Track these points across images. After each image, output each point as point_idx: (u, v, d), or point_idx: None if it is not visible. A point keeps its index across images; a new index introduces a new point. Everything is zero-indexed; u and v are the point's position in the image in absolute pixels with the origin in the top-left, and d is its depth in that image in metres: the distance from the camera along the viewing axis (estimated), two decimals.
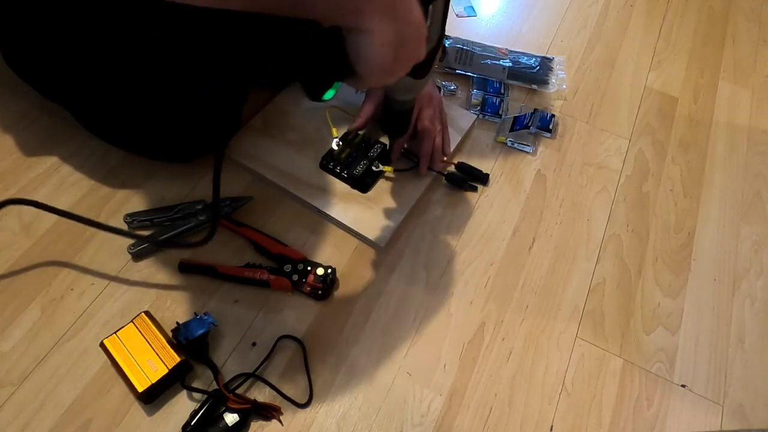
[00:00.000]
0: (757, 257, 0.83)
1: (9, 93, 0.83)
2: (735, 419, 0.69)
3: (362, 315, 0.71)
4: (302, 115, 0.86)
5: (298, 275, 0.70)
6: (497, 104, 0.94)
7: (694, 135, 0.97)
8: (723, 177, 0.92)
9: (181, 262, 0.71)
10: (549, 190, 0.86)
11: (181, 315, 0.65)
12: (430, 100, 0.80)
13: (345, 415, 0.64)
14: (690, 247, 0.83)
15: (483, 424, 0.65)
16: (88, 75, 0.73)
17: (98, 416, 0.61)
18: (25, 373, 0.63)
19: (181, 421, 0.61)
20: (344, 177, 0.79)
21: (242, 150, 0.81)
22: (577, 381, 0.70)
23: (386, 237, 0.76)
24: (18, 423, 0.60)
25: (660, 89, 1.03)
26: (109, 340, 0.62)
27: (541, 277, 0.77)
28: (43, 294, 0.68)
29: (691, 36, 1.13)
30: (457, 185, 0.83)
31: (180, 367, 0.61)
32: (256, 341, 0.67)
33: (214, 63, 0.58)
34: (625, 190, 0.88)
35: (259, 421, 0.62)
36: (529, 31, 1.09)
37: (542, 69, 1.01)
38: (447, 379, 0.68)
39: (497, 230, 0.81)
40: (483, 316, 0.73)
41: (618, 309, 0.76)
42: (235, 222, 0.75)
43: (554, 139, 0.92)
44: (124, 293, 0.69)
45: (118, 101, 0.74)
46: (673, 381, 0.71)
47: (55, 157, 0.79)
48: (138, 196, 0.76)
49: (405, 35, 0.45)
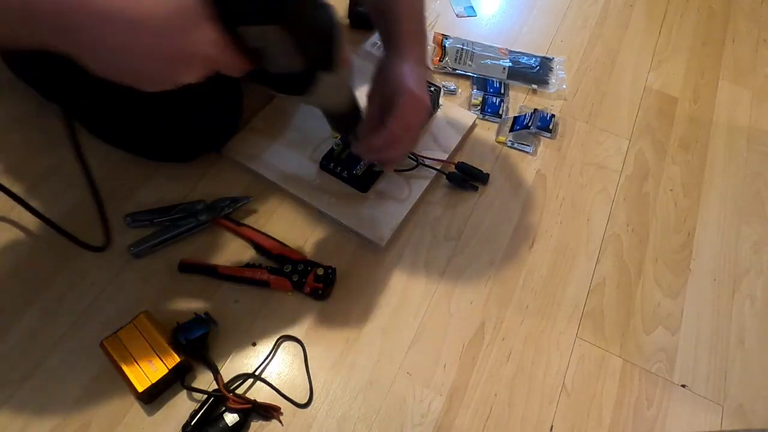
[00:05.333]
0: (757, 257, 0.83)
1: (9, 93, 0.83)
2: (735, 419, 0.69)
3: (362, 315, 0.71)
4: (302, 115, 0.86)
5: (298, 275, 0.70)
6: (497, 104, 0.94)
7: (694, 135, 0.97)
8: (723, 177, 0.92)
9: (181, 262, 0.71)
10: (549, 190, 0.86)
11: (181, 315, 0.65)
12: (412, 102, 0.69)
13: (345, 415, 0.64)
14: (690, 247, 0.83)
15: (483, 424, 0.65)
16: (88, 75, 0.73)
17: (98, 416, 0.61)
18: (25, 373, 0.63)
19: (181, 421, 0.61)
20: (344, 177, 0.79)
21: (242, 150, 0.81)
22: (577, 381, 0.70)
23: (386, 237, 0.76)
24: (18, 423, 0.60)
25: (660, 89, 1.03)
26: (109, 340, 0.62)
27: (541, 277, 0.77)
28: (43, 294, 0.68)
29: (691, 36, 1.13)
30: (457, 185, 0.83)
31: (180, 367, 0.61)
32: (256, 341, 0.67)
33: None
34: (625, 190, 0.88)
35: (259, 421, 0.62)
36: (529, 31, 1.09)
37: (542, 69, 1.01)
38: (447, 379, 0.68)
39: (497, 230, 0.81)
40: (483, 316, 0.73)
41: (618, 309, 0.76)
42: (235, 222, 0.75)
43: (554, 139, 0.92)
44: (124, 293, 0.69)
45: (117, 102, 0.74)
46: (673, 381, 0.71)
47: (55, 158, 0.78)
48: (138, 196, 0.76)
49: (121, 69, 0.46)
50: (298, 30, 0.50)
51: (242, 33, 0.48)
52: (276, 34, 0.49)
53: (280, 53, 0.51)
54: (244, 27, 0.48)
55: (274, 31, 0.48)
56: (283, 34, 0.49)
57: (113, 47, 0.44)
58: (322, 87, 0.57)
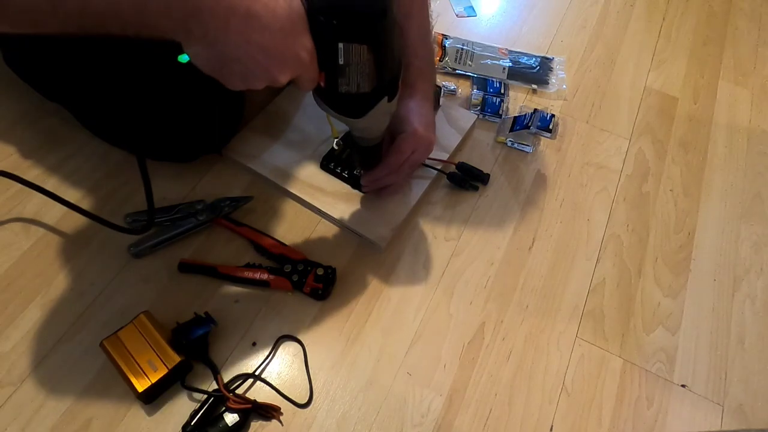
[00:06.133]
0: (757, 257, 0.83)
1: (9, 93, 0.83)
2: (735, 419, 0.69)
3: (362, 315, 0.71)
4: (302, 115, 0.86)
5: (298, 275, 0.70)
6: (497, 104, 0.94)
7: (694, 135, 0.97)
8: (723, 177, 0.92)
9: (181, 262, 0.71)
10: (549, 190, 0.86)
11: (181, 315, 0.65)
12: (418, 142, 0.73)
13: (345, 415, 0.64)
14: (690, 247, 0.83)
15: (483, 424, 0.65)
16: (88, 75, 0.73)
17: (98, 416, 0.61)
18: (25, 373, 0.63)
19: (181, 421, 0.61)
20: (344, 177, 0.79)
21: (242, 150, 0.81)
22: (577, 381, 0.70)
23: (386, 237, 0.76)
24: (18, 423, 0.60)
25: (660, 89, 1.03)
26: (109, 340, 0.62)
27: (541, 277, 0.77)
28: (43, 294, 0.68)
29: (691, 36, 1.13)
30: (458, 185, 0.83)
31: (180, 367, 0.61)
32: (256, 341, 0.67)
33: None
34: (625, 190, 0.88)
35: (259, 421, 0.62)
36: (529, 31, 1.09)
37: (542, 69, 1.01)
38: (447, 379, 0.68)
39: (497, 230, 0.81)
40: (483, 316, 0.73)
41: (618, 309, 0.76)
42: (235, 222, 0.75)
43: (554, 139, 0.92)
44: (124, 293, 0.69)
45: (118, 101, 0.74)
46: (673, 381, 0.71)
47: (55, 158, 0.79)
48: (138, 196, 0.76)
49: (230, 56, 0.48)
50: (383, 52, 0.54)
51: (334, 49, 0.51)
52: (364, 53, 0.52)
53: (358, 72, 0.54)
54: (342, 43, 0.51)
55: (362, 51, 0.52)
56: (369, 55, 0.52)
57: (237, 40, 0.47)
58: (377, 113, 0.59)
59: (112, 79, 0.71)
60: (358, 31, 0.51)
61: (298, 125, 0.85)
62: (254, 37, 0.47)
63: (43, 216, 0.73)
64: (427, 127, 0.74)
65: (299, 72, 0.52)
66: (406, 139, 0.72)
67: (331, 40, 0.51)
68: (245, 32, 0.47)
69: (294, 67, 0.51)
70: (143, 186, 0.61)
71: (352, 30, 0.51)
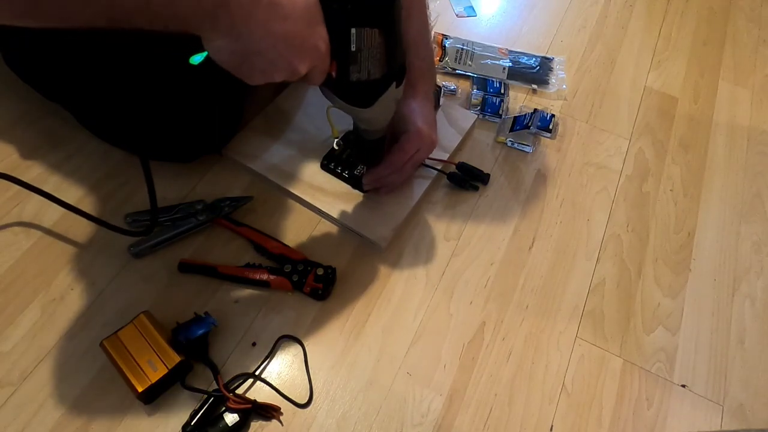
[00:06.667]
0: (757, 257, 0.83)
1: (9, 93, 0.83)
2: (735, 419, 0.69)
3: (362, 315, 0.71)
4: (303, 115, 0.86)
5: (298, 275, 0.70)
6: (497, 104, 0.94)
7: (694, 135, 0.97)
8: (723, 177, 0.92)
9: (181, 262, 0.71)
10: (549, 190, 0.86)
11: (181, 315, 0.65)
12: (420, 139, 0.73)
13: (345, 415, 0.64)
14: (690, 247, 0.83)
15: (483, 424, 0.65)
16: (88, 75, 0.73)
17: (98, 416, 0.61)
18: (25, 373, 0.63)
19: (181, 421, 0.61)
20: (345, 177, 0.79)
21: (242, 150, 0.81)
22: (577, 381, 0.70)
23: (386, 237, 0.76)
24: (18, 423, 0.60)
25: (660, 89, 1.03)
26: (109, 340, 0.62)
27: (541, 277, 0.77)
28: (43, 294, 0.68)
29: (691, 36, 1.13)
30: (458, 185, 0.83)
31: (180, 367, 0.61)
32: (256, 341, 0.67)
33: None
34: (625, 190, 0.88)
35: (259, 421, 0.62)
36: (529, 31, 1.09)
37: (542, 69, 1.01)
38: (447, 379, 0.68)
39: (497, 230, 0.81)
40: (483, 316, 0.73)
41: (618, 309, 0.76)
42: (235, 222, 0.75)
43: (554, 139, 0.92)
44: (124, 293, 0.69)
45: (118, 101, 0.74)
46: (673, 381, 0.71)
47: (55, 158, 0.78)
48: (138, 196, 0.76)
49: (253, 49, 0.49)
50: (393, 36, 0.55)
51: (347, 35, 0.52)
52: (375, 37, 0.53)
53: (369, 58, 0.54)
54: (354, 28, 0.52)
55: (374, 35, 0.53)
56: (381, 38, 0.54)
57: (259, 32, 0.48)
58: (385, 100, 0.60)
59: (112, 80, 0.71)
60: (370, 14, 0.52)
61: (298, 125, 0.85)
62: (276, 26, 0.48)
63: (43, 216, 0.73)
64: (430, 126, 0.75)
65: (316, 62, 0.52)
66: (410, 137, 0.72)
67: (344, 26, 0.52)
68: (268, 22, 0.47)
69: (312, 57, 0.52)
70: (147, 188, 0.61)
71: (365, 13, 0.52)
